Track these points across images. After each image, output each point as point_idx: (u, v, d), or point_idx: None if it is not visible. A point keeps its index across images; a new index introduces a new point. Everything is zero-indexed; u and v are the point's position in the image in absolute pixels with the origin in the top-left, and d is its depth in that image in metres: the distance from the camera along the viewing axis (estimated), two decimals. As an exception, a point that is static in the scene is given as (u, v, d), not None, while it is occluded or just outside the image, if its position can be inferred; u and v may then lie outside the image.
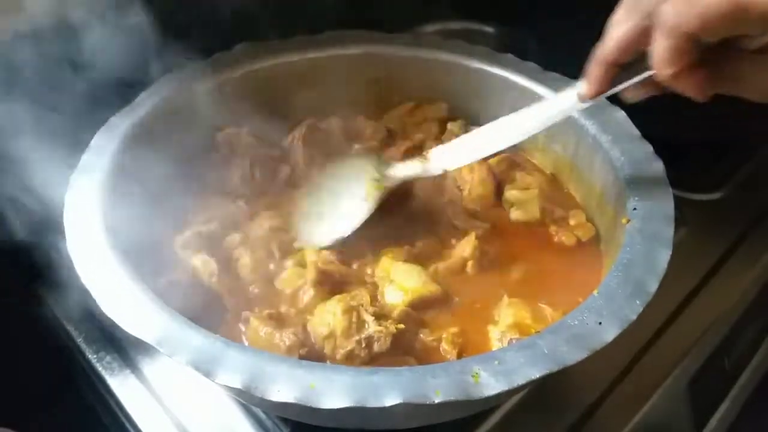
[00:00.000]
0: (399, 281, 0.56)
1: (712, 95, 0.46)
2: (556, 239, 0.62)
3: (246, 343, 0.52)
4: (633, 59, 0.48)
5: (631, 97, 0.52)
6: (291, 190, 0.67)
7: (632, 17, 0.46)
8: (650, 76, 0.47)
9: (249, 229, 0.61)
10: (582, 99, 0.53)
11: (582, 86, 0.52)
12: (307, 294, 0.55)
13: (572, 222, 0.63)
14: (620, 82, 0.50)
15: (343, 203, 0.61)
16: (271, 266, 0.58)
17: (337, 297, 0.53)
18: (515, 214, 0.64)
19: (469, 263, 0.58)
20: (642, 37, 0.46)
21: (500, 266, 0.60)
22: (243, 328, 0.53)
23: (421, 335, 0.53)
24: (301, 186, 0.67)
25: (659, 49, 0.43)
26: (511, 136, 0.58)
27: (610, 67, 0.49)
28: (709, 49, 0.43)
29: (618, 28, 0.47)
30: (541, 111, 0.57)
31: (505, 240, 0.62)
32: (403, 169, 0.61)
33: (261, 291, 0.57)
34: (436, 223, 0.63)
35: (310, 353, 0.50)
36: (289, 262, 0.58)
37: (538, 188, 0.65)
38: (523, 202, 0.64)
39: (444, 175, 0.65)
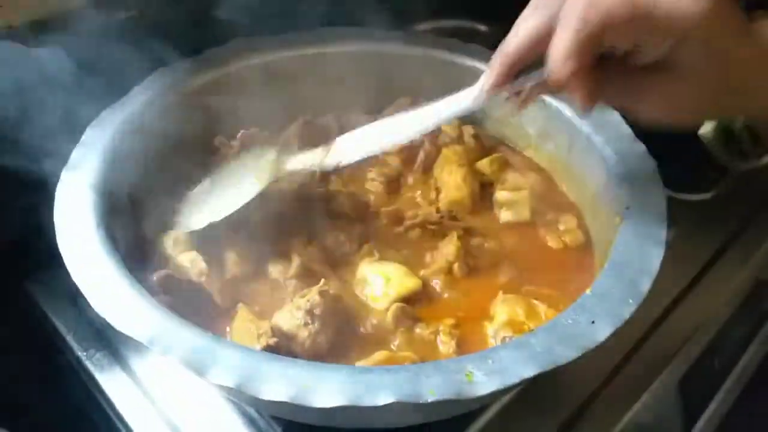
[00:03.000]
0: (377, 284, 0.56)
1: (593, 107, 0.46)
2: (544, 242, 0.62)
3: (229, 336, 0.52)
4: (534, 59, 0.48)
5: (516, 106, 0.52)
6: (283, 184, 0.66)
7: (539, 15, 0.46)
8: (544, 81, 0.47)
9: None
10: (483, 91, 0.51)
11: (483, 78, 0.51)
12: (288, 287, 0.55)
13: (561, 227, 0.63)
14: (518, 81, 0.49)
15: (230, 190, 0.59)
16: (256, 259, 0.58)
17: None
18: (505, 215, 0.64)
19: (455, 265, 0.58)
20: (545, 36, 0.45)
21: (489, 266, 0.60)
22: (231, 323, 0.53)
23: (418, 329, 0.53)
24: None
25: (560, 44, 0.43)
26: (411, 129, 0.56)
27: (513, 63, 0.48)
28: (603, 63, 0.45)
29: (524, 24, 0.47)
30: (444, 106, 0.55)
31: (493, 241, 0.62)
32: (299, 161, 0.59)
33: (248, 284, 0.57)
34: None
35: (279, 345, 0.49)
36: (273, 254, 0.58)
37: (530, 188, 0.65)
38: (513, 204, 0.64)
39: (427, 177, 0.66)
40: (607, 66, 0.46)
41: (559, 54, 0.43)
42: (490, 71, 0.50)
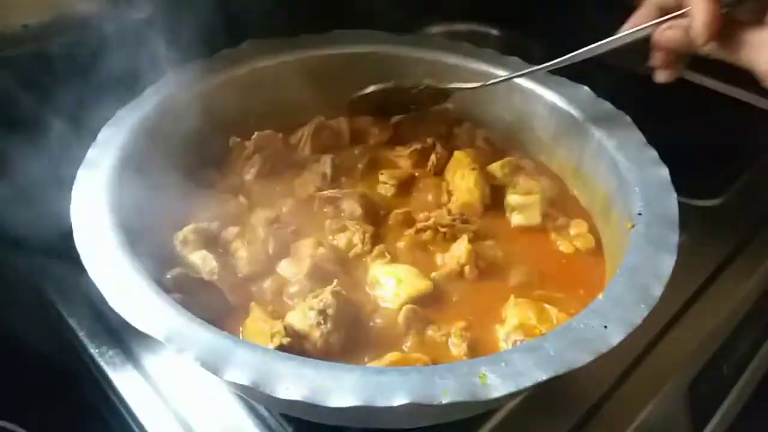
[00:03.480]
0: (389, 286, 0.56)
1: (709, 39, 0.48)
2: (554, 246, 0.62)
3: (241, 334, 0.52)
4: None
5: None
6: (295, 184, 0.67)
7: None
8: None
9: (247, 223, 0.61)
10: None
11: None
12: (299, 286, 0.56)
13: (573, 231, 0.63)
14: None
15: None
16: (268, 258, 0.58)
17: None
18: (516, 219, 0.64)
19: (466, 268, 0.58)
20: None
21: (500, 270, 0.60)
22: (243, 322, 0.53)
23: (430, 331, 0.53)
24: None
25: None
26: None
27: None
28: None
29: None
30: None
31: (504, 244, 0.62)
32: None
33: (259, 284, 0.57)
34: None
35: (293, 344, 0.49)
36: (284, 254, 0.59)
37: (541, 193, 0.65)
38: (524, 207, 0.64)
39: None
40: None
41: None
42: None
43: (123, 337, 0.64)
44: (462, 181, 0.65)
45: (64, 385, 0.65)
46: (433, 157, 0.68)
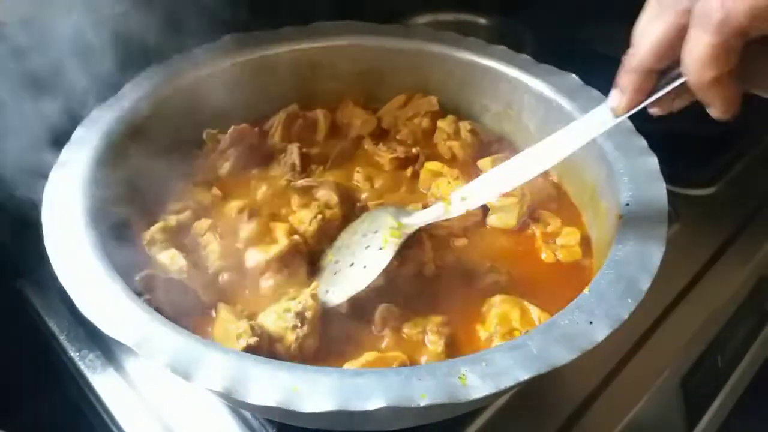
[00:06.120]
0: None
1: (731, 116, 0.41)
2: (536, 253, 0.59)
3: (211, 336, 0.50)
4: (668, 65, 0.42)
5: (659, 111, 0.46)
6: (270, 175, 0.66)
7: (666, 16, 0.40)
8: (682, 86, 0.41)
9: (219, 215, 0.60)
10: (616, 113, 0.46)
11: (614, 99, 0.46)
12: (268, 283, 0.54)
13: (560, 241, 0.60)
14: (654, 92, 0.44)
15: (358, 257, 0.54)
16: (240, 252, 0.56)
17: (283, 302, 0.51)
18: (490, 220, 0.62)
19: (426, 267, 0.56)
20: (677, 40, 0.40)
21: (473, 270, 0.57)
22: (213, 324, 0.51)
23: (405, 329, 0.52)
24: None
25: (700, 48, 0.37)
26: (537, 167, 0.51)
27: (646, 75, 0.43)
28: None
29: (651, 29, 0.41)
30: (568, 134, 0.50)
31: (482, 245, 0.60)
32: (423, 215, 0.55)
33: (230, 279, 0.55)
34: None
35: (260, 345, 0.47)
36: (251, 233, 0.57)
37: (522, 197, 0.61)
38: (500, 209, 0.61)
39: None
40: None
41: (701, 59, 0.38)
42: (622, 90, 0.45)
43: (104, 340, 0.63)
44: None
45: (45, 389, 0.64)
46: (411, 169, 0.66)
